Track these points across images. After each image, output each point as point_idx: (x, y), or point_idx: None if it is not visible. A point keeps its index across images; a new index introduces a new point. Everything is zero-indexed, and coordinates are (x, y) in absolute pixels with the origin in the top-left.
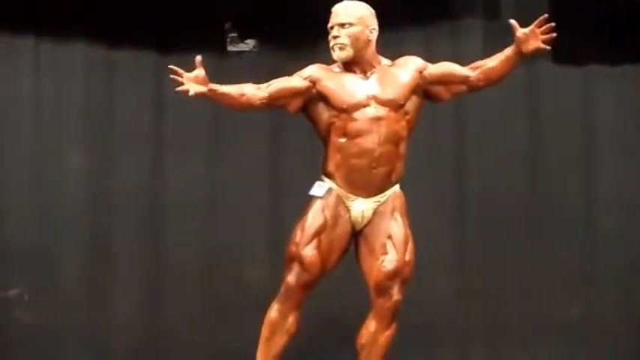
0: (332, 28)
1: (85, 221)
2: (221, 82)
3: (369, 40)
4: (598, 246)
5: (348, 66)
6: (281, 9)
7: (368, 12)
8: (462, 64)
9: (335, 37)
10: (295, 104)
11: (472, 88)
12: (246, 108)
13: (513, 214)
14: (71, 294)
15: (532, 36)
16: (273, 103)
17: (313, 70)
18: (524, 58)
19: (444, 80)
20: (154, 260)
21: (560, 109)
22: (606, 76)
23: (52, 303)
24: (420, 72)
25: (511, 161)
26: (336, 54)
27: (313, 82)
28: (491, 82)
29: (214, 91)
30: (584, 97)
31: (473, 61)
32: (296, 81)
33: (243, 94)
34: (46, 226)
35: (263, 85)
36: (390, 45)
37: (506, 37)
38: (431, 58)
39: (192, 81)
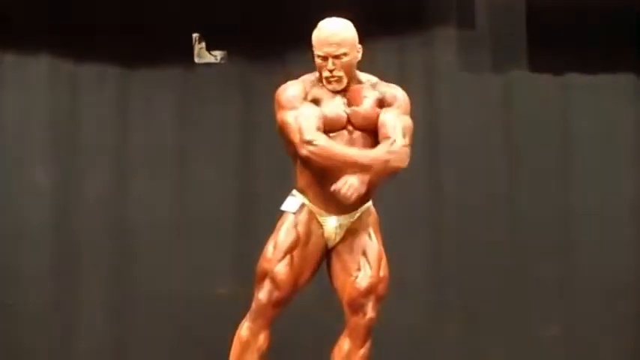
0: (325, 58)
1: (50, 238)
2: (188, 94)
3: (358, 60)
4: (578, 260)
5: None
6: (249, 20)
7: (355, 32)
8: (436, 74)
9: (331, 71)
10: None
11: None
12: None
13: (490, 227)
14: (36, 313)
15: None
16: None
17: (296, 92)
18: None
19: (379, 127)
20: (121, 277)
21: (537, 120)
22: (584, 85)
23: (16, 321)
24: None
25: (487, 174)
26: (332, 86)
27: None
28: None
29: None
30: (562, 107)
31: (447, 72)
32: (310, 107)
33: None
34: (11, 243)
35: (312, 132)
36: (364, 56)
37: (481, 47)
38: (405, 69)
39: None
